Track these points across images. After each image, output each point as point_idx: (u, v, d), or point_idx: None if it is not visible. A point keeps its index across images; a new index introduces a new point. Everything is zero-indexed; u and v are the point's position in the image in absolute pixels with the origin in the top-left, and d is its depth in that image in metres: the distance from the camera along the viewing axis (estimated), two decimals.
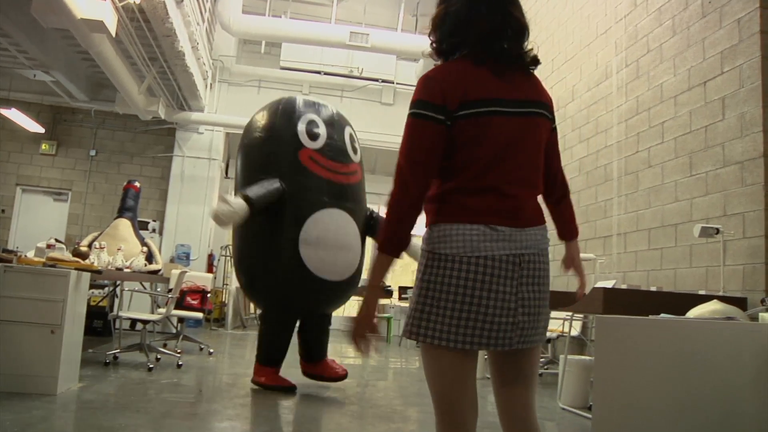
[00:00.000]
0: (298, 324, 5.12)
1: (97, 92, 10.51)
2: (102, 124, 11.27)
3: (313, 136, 4.91)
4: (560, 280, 6.00)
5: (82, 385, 4.37)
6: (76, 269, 4.23)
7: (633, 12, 6.41)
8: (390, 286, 11.52)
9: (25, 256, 4.44)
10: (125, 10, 6.69)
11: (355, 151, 5.20)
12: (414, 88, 1.64)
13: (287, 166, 4.84)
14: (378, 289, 1.59)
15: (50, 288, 4.00)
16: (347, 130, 5.21)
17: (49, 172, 11.19)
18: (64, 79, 9.37)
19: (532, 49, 1.69)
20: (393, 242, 1.56)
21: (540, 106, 1.67)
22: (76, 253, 5.36)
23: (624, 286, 4.93)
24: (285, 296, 4.83)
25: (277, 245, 4.74)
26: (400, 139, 1.62)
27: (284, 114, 5.07)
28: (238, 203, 4.41)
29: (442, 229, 1.57)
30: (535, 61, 1.70)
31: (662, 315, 3.13)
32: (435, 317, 1.54)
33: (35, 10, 6.11)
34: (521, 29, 1.66)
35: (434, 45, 1.72)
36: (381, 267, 1.58)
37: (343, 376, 5.08)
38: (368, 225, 5.13)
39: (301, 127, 4.93)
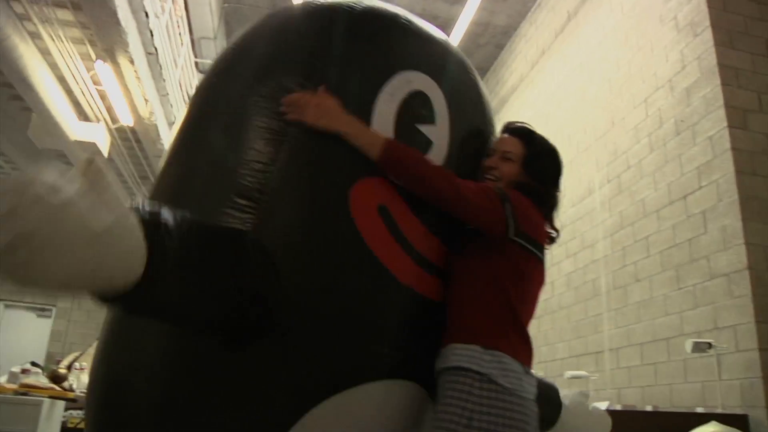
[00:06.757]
0: None
1: None
2: None
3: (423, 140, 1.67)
4: None
5: None
6: (50, 397, 4.07)
7: (611, 130, 6.65)
8: None
9: None
10: (118, 131, 6.89)
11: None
12: None
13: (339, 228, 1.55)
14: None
15: (20, 419, 3.82)
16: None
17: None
18: None
19: None
20: (403, 166, 1.56)
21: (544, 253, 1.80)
22: (54, 377, 5.17)
23: (619, 407, 4.78)
24: None
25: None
26: None
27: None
28: (113, 201, 1.09)
29: (501, 357, 1.55)
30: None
31: None
32: None
33: (32, 132, 6.32)
34: None
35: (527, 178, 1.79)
36: (362, 138, 1.55)
37: None
38: None
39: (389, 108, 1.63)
